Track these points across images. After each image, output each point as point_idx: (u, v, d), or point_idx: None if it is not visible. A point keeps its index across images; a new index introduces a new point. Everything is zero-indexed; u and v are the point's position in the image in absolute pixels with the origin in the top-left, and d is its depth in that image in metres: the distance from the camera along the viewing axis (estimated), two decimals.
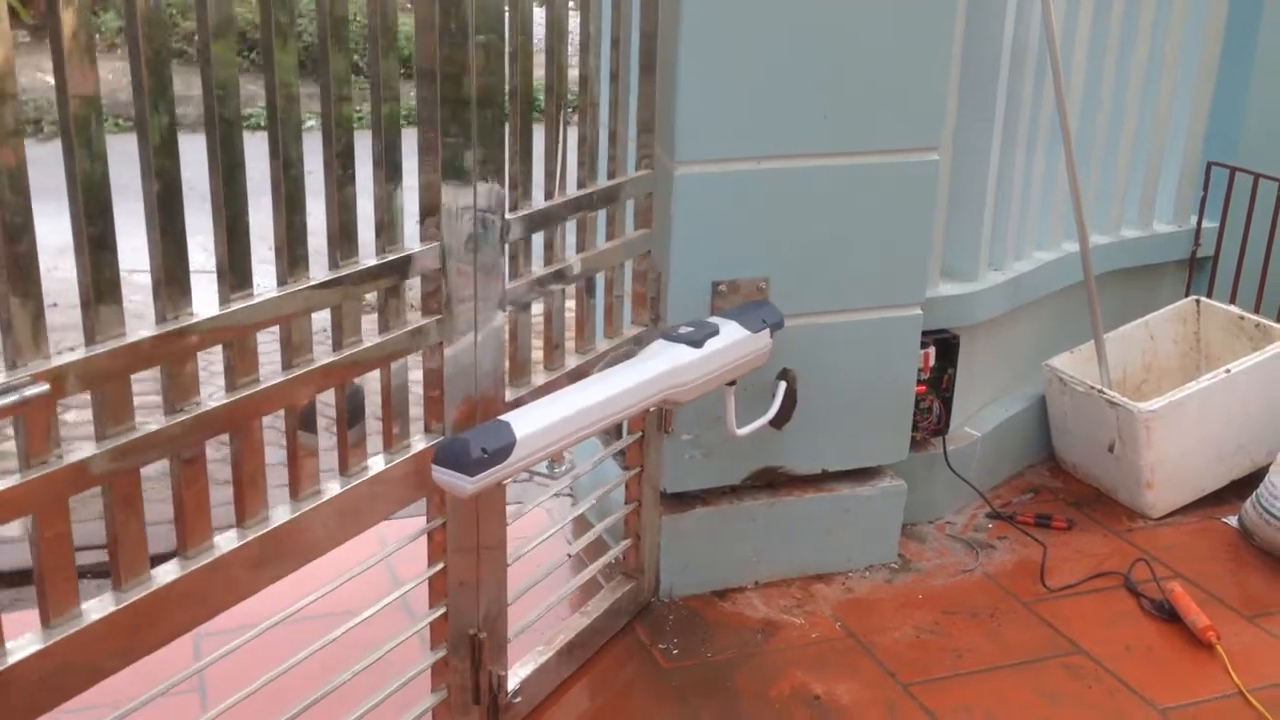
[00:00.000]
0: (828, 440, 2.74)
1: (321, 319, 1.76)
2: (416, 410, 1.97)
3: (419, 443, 1.94)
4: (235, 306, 1.58)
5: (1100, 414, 3.13)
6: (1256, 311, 3.41)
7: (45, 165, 1.72)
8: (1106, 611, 2.72)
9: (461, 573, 2.05)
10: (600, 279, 2.38)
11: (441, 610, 2.04)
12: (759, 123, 2.44)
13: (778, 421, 2.63)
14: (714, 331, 2.29)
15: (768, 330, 2.42)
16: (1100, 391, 3.12)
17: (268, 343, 1.65)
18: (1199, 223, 3.64)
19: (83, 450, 1.43)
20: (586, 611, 2.49)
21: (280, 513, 1.72)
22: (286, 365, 1.68)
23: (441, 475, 1.81)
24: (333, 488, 1.79)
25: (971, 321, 3.00)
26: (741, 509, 2.70)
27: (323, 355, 1.73)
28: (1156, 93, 3.47)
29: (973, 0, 2.79)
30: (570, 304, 2.32)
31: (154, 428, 1.50)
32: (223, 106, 1.51)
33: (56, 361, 1.37)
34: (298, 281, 1.66)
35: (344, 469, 1.83)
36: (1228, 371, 3.06)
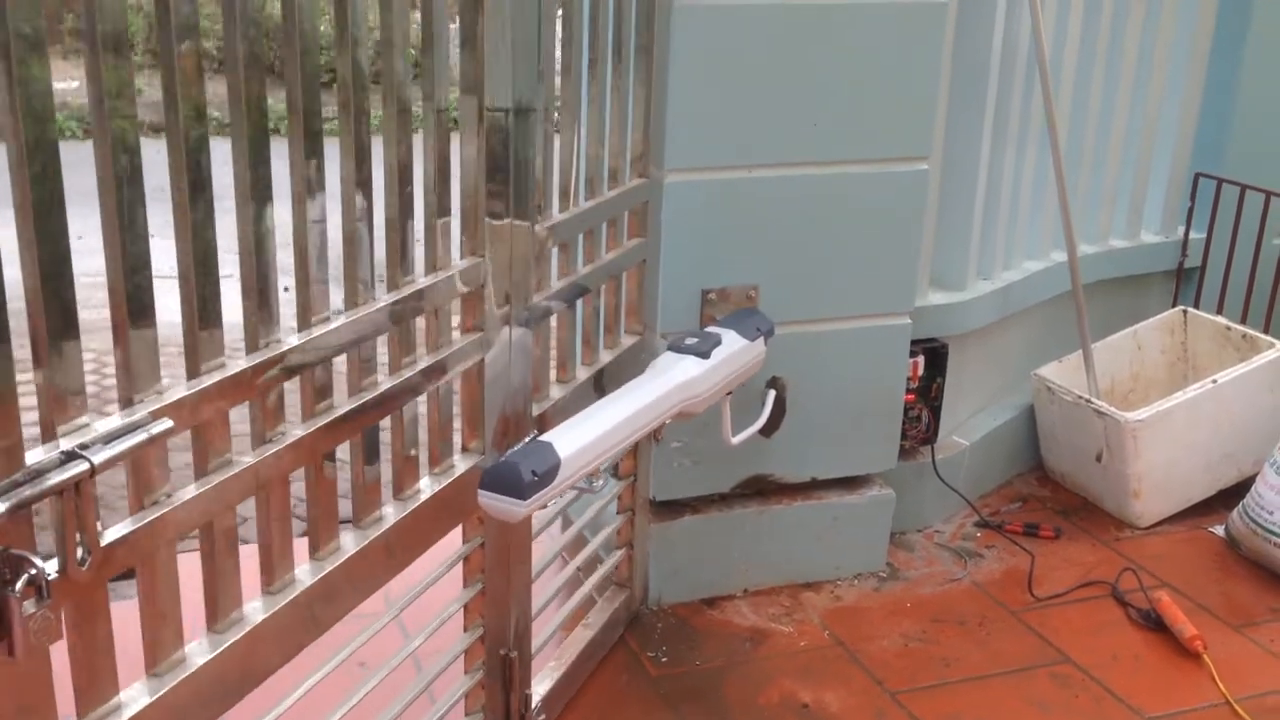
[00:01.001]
0: (817, 449, 2.74)
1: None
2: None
3: (460, 464, 1.90)
4: (316, 332, 1.52)
5: (1088, 423, 3.14)
6: (1243, 322, 3.43)
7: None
8: (1094, 620, 2.72)
9: (496, 592, 2.01)
10: (603, 289, 2.37)
11: (479, 632, 2.00)
12: (748, 131, 2.45)
13: (767, 430, 2.63)
14: (718, 341, 2.30)
15: (762, 338, 2.42)
16: (1088, 401, 3.13)
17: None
18: (1186, 233, 3.65)
19: (187, 490, 1.35)
20: (589, 624, 2.48)
21: (349, 542, 1.66)
22: (354, 391, 1.63)
23: (491, 500, 1.76)
24: (390, 514, 1.74)
25: (960, 330, 3.01)
26: (730, 517, 2.70)
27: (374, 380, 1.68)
28: (1144, 104, 3.49)
29: (962, 10, 2.81)
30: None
31: (250, 460, 1.43)
32: (309, 123, 1.46)
33: (172, 396, 1.29)
34: (365, 304, 1.61)
35: (398, 493, 1.78)
36: (1214, 382, 3.07)
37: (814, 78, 2.46)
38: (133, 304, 1.25)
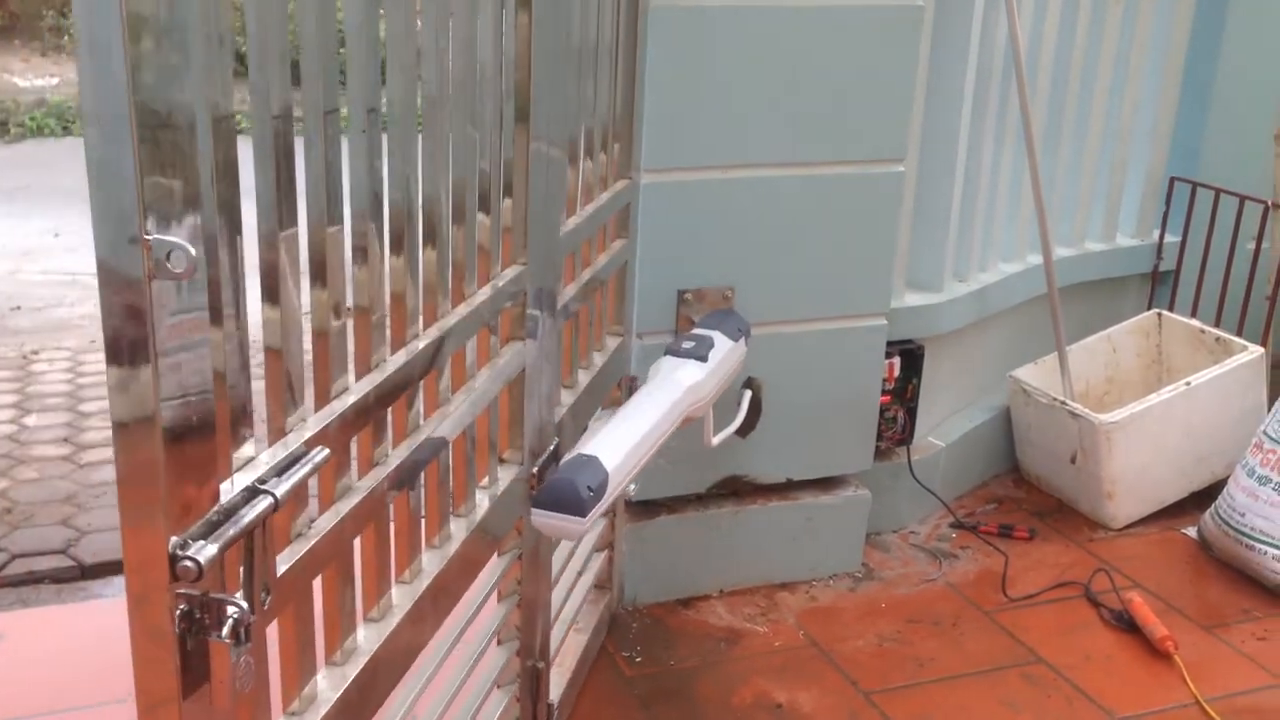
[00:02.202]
0: (792, 449, 2.75)
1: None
2: None
3: (503, 477, 1.87)
4: (418, 347, 1.48)
5: (1063, 425, 3.16)
6: (1217, 325, 3.45)
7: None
8: (1066, 621, 2.74)
9: (529, 604, 1.98)
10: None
11: (515, 646, 1.97)
12: (725, 133, 2.46)
13: (743, 430, 2.64)
14: (712, 344, 2.30)
15: (743, 339, 2.43)
16: (1063, 403, 3.15)
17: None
18: (1161, 237, 3.68)
19: (324, 520, 1.29)
20: (580, 628, 2.46)
21: (432, 562, 1.62)
22: (430, 410, 1.59)
23: (549, 519, 1.73)
24: (459, 533, 1.70)
25: (936, 332, 3.02)
26: (706, 517, 2.71)
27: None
28: (1120, 108, 3.51)
29: (939, 13, 2.82)
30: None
31: (367, 485, 1.38)
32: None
33: (317, 424, 1.23)
34: (443, 317, 1.59)
35: (457, 507, 1.74)
36: (1188, 384, 3.09)
37: (790, 80, 2.47)
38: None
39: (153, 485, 0.96)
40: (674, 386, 2.17)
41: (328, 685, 1.34)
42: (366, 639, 1.43)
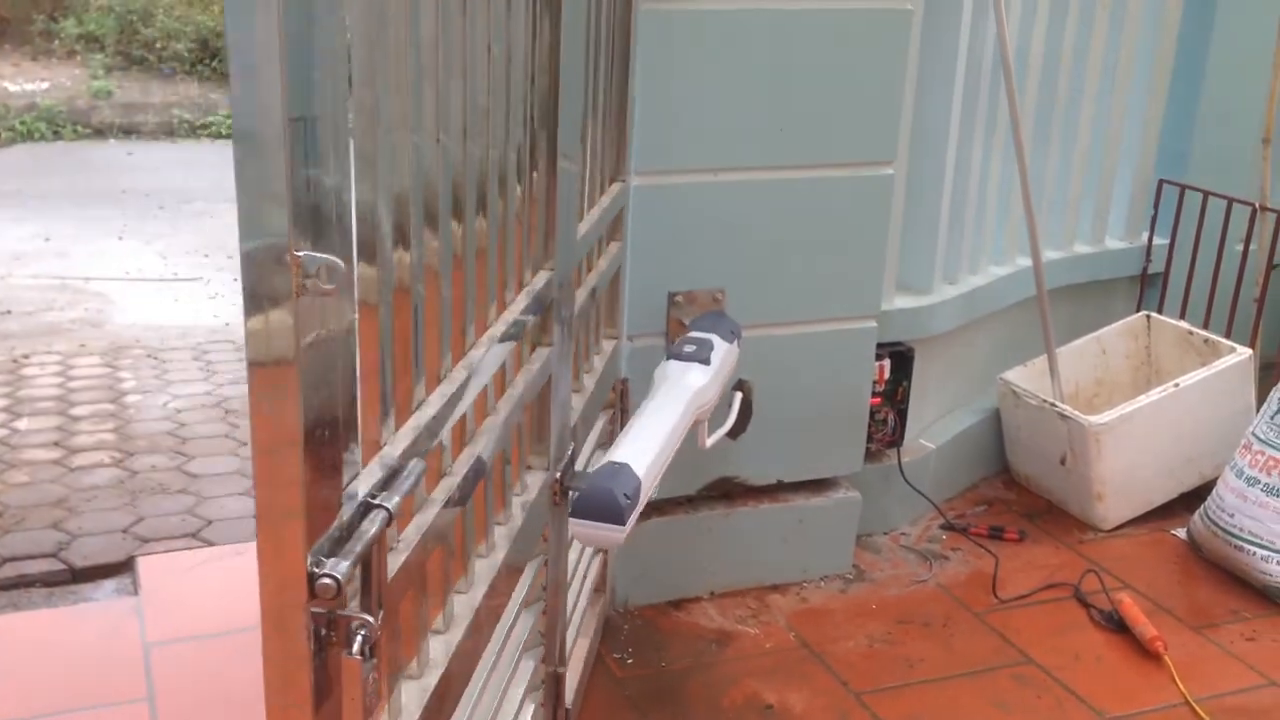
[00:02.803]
0: (783, 451, 2.76)
1: None
2: None
3: (533, 483, 1.85)
4: (476, 355, 1.48)
5: (1052, 427, 3.17)
6: (1205, 327, 3.47)
7: None
8: (1056, 622, 2.75)
9: (554, 610, 1.98)
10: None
11: (540, 652, 1.96)
12: (715, 135, 2.46)
13: (733, 432, 2.64)
14: (711, 346, 2.31)
15: (736, 341, 2.44)
16: (1052, 405, 3.16)
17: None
18: (1150, 239, 3.69)
19: (409, 532, 1.28)
20: (584, 632, 2.46)
21: (484, 572, 1.61)
22: (480, 417, 1.58)
23: (589, 528, 1.73)
24: (503, 541, 1.69)
25: (926, 334, 3.03)
26: (697, 519, 2.71)
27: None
28: (1109, 111, 3.53)
29: (928, 17, 2.83)
30: None
31: (443, 495, 1.37)
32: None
33: (412, 433, 1.22)
34: (494, 323, 1.58)
35: (497, 515, 1.73)
36: (1177, 386, 3.11)
37: (780, 82, 2.48)
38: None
39: (293, 505, 0.95)
40: (685, 390, 2.17)
41: (410, 699, 1.33)
42: (436, 650, 1.42)
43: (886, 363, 2.93)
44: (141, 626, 2.57)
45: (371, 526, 1.04)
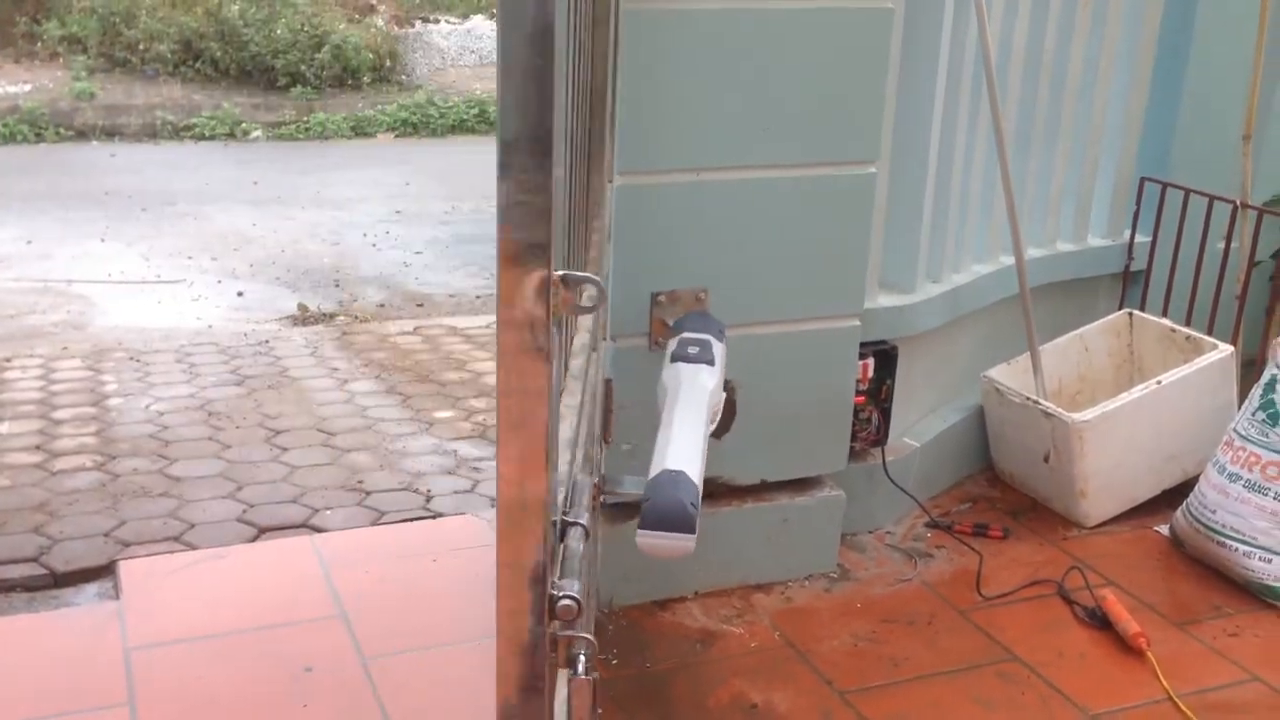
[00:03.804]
0: (767, 451, 2.76)
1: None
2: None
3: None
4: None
5: (1036, 424, 3.18)
6: (1187, 324, 3.48)
7: None
8: (1040, 619, 2.75)
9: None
10: None
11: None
12: (697, 135, 2.46)
13: (717, 432, 2.64)
14: (711, 346, 2.31)
15: (724, 340, 2.44)
16: (1036, 402, 3.17)
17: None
18: (1132, 237, 3.70)
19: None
20: None
21: None
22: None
23: (658, 539, 1.69)
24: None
25: (910, 333, 3.04)
26: None
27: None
28: (1090, 109, 3.54)
29: (910, 15, 2.83)
30: None
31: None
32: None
33: (569, 446, 1.21)
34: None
35: None
36: (1159, 383, 3.12)
37: (762, 82, 2.48)
38: None
39: (535, 528, 0.94)
40: (701, 392, 2.17)
41: None
42: None
43: (870, 361, 2.93)
44: (123, 631, 2.56)
45: (578, 544, 1.03)
